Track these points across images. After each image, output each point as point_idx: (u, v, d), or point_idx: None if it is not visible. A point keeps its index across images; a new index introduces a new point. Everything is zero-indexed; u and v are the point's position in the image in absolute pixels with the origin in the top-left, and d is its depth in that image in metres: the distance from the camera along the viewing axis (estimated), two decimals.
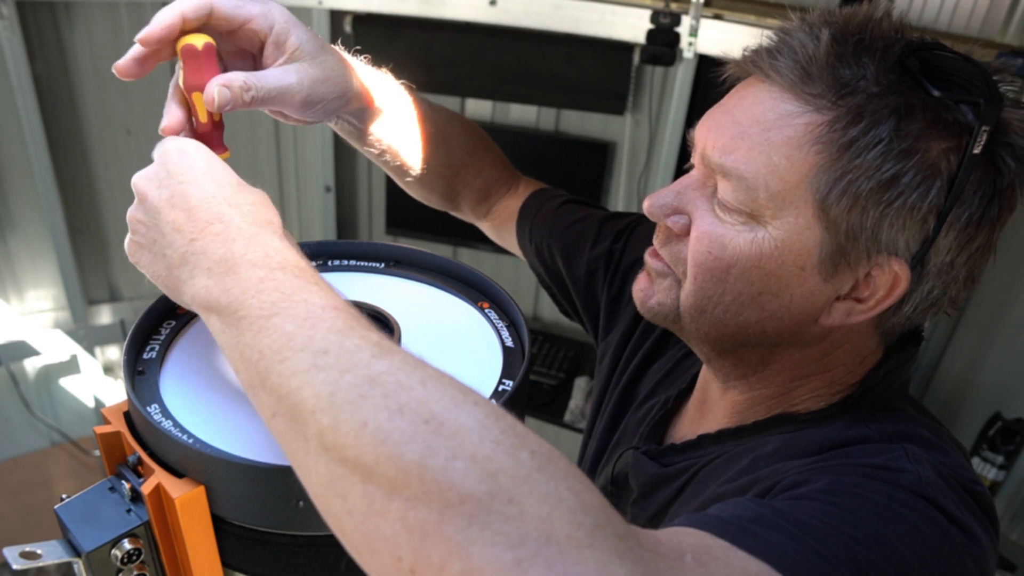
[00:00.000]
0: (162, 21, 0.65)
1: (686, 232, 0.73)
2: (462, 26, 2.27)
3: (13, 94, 2.32)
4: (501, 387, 0.66)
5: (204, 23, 0.68)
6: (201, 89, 0.67)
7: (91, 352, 2.85)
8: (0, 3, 2.18)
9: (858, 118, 0.62)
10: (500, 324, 0.75)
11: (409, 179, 1.02)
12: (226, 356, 0.53)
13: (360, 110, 0.86)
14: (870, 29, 0.65)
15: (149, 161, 0.62)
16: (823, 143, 0.64)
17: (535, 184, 1.15)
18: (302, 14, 2.37)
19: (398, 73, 0.92)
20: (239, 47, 0.75)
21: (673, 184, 0.74)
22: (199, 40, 0.67)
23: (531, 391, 2.49)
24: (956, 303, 0.71)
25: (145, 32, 0.65)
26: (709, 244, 0.70)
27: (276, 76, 0.72)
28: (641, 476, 0.86)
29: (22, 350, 2.69)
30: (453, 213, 1.15)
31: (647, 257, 0.80)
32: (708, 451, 0.80)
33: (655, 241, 0.78)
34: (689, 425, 0.89)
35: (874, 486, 0.59)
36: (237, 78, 0.68)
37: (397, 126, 0.93)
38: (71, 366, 2.85)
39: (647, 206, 0.75)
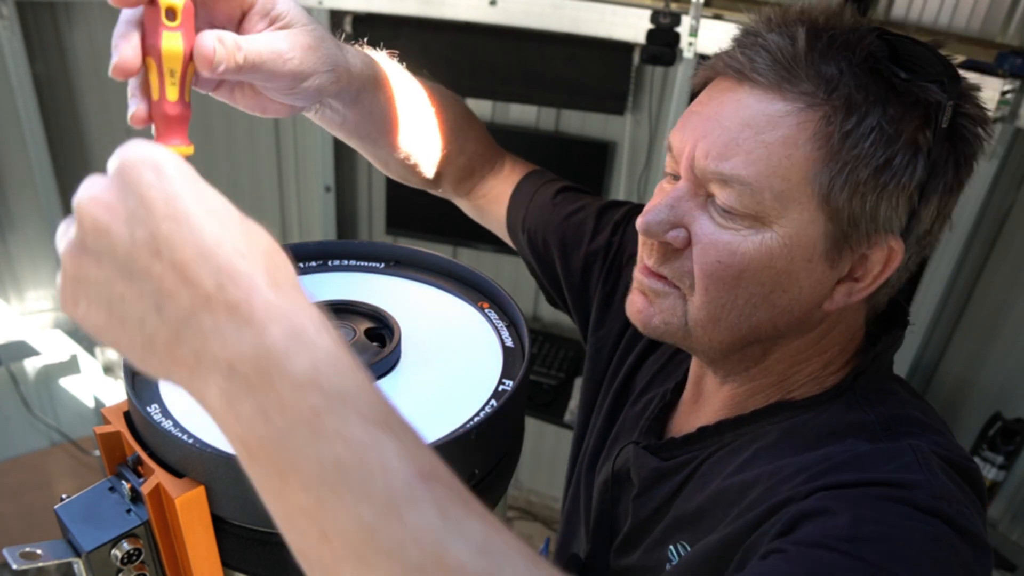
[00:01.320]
0: None
1: (686, 245, 0.72)
2: (462, 26, 2.27)
3: (13, 94, 2.32)
4: (501, 387, 0.67)
5: None
6: (179, 56, 0.56)
7: (91, 352, 2.85)
8: (0, 3, 2.18)
9: (851, 110, 0.65)
10: (500, 324, 0.75)
11: (391, 160, 0.95)
12: (264, 500, 0.41)
13: (344, 89, 0.77)
14: (837, 24, 0.68)
15: None
16: (822, 138, 0.66)
17: (521, 164, 1.11)
18: None
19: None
20: (212, 19, 0.64)
21: (664, 199, 0.73)
22: None
23: (531, 391, 2.49)
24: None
25: None
26: (717, 253, 0.70)
27: (265, 39, 0.65)
28: (642, 471, 0.86)
29: (22, 350, 2.69)
30: (432, 191, 1.08)
31: (640, 276, 0.78)
32: (709, 443, 0.81)
33: (648, 260, 0.76)
34: (686, 418, 0.89)
35: (897, 521, 0.60)
36: (227, 34, 0.60)
37: (383, 103, 0.86)
38: (71, 366, 2.85)
39: (642, 225, 0.73)
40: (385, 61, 0.86)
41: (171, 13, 0.55)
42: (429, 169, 1.00)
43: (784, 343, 0.76)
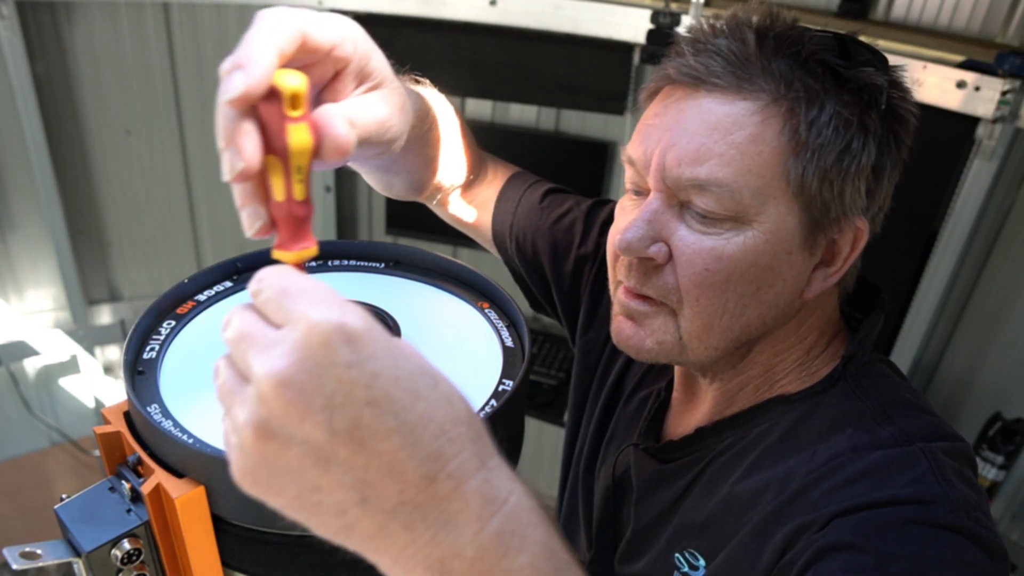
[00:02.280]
0: (262, 66, 0.44)
1: (668, 259, 0.72)
2: (462, 26, 2.27)
3: (13, 94, 2.32)
4: (501, 387, 0.66)
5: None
6: (310, 149, 0.46)
7: (91, 352, 2.85)
8: (0, 3, 2.18)
9: (812, 100, 0.67)
10: (500, 324, 0.75)
11: (397, 184, 0.90)
12: None
13: (407, 140, 0.70)
14: (778, 24, 0.70)
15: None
16: (790, 130, 0.68)
17: (502, 167, 1.08)
18: None
19: (398, 73, 0.86)
20: None
21: (638, 215, 0.72)
22: (299, 79, 0.46)
23: (531, 391, 2.49)
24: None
25: (244, 86, 0.44)
26: (703, 261, 0.70)
27: (368, 109, 0.56)
28: (643, 473, 0.86)
29: (22, 350, 2.69)
30: (417, 200, 1.01)
31: (625, 299, 0.76)
32: (708, 443, 0.81)
33: (629, 280, 0.75)
34: (681, 417, 0.89)
35: (921, 551, 0.60)
36: (339, 112, 0.50)
37: (416, 140, 0.81)
38: (71, 366, 2.85)
39: (622, 244, 0.72)
40: (417, 89, 0.81)
41: (296, 101, 0.45)
42: (431, 186, 0.96)
43: (766, 335, 0.77)
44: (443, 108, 0.91)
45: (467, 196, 1.07)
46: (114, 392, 2.96)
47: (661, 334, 0.75)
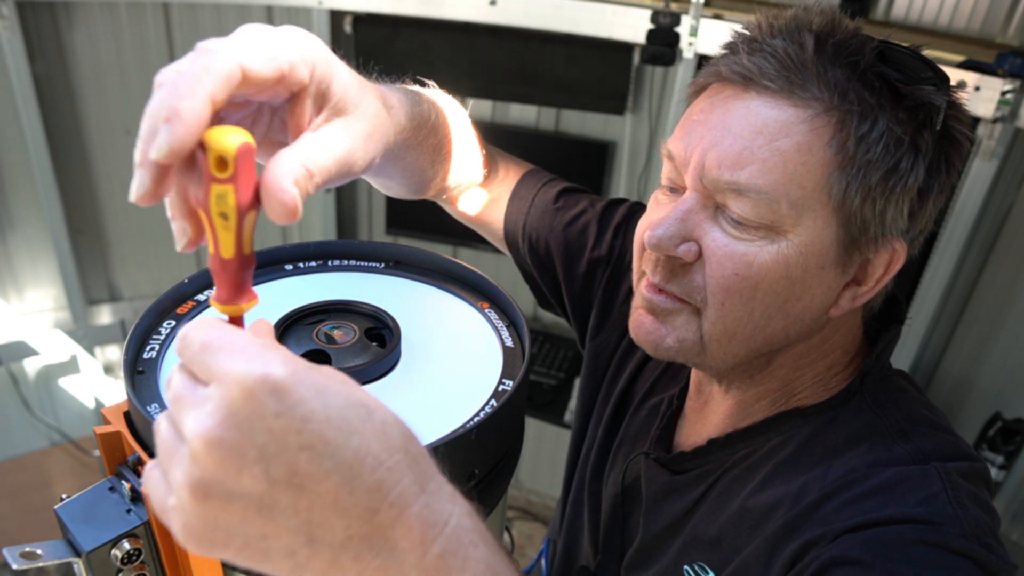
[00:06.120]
0: (190, 117, 0.42)
1: (697, 258, 0.71)
2: (462, 26, 2.27)
3: (13, 94, 2.32)
4: (501, 387, 0.66)
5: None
6: (246, 207, 0.43)
7: (91, 352, 2.85)
8: (0, 3, 2.18)
9: (865, 114, 0.65)
10: (500, 324, 0.75)
11: (395, 186, 0.88)
12: None
13: (387, 156, 0.67)
14: (840, 29, 0.68)
15: None
16: (838, 143, 0.65)
17: (514, 165, 1.07)
18: (302, 14, 2.37)
19: (398, 73, 0.87)
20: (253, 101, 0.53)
21: (672, 211, 0.71)
22: (236, 138, 0.42)
23: (531, 391, 2.49)
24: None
25: (167, 141, 0.42)
26: (734, 265, 0.69)
27: (328, 147, 0.52)
28: (653, 483, 0.85)
29: (22, 350, 2.69)
30: (415, 199, 0.97)
31: (647, 293, 0.75)
32: (720, 455, 0.80)
33: (654, 276, 0.74)
34: (693, 427, 0.88)
35: (927, 574, 0.59)
36: (294, 164, 0.48)
37: (413, 148, 0.78)
38: (71, 366, 2.85)
39: (653, 240, 0.70)
40: (412, 95, 0.77)
41: (222, 164, 0.42)
42: (435, 187, 0.93)
43: (788, 348, 0.75)
44: (449, 110, 0.88)
45: (477, 194, 1.05)
46: (114, 392, 2.96)
47: (683, 332, 0.73)
